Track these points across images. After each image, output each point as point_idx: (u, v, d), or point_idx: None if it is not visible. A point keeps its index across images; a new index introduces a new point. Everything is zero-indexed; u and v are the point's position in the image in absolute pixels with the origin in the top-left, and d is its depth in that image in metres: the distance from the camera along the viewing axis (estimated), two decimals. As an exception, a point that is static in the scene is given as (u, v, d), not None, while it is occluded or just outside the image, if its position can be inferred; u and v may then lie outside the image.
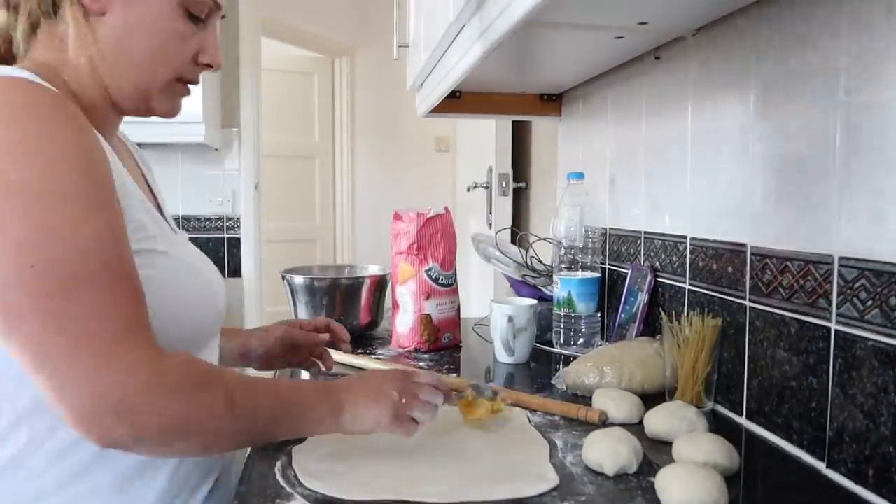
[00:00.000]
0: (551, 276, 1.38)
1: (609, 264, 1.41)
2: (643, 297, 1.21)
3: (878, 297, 0.70)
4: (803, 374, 0.81)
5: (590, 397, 0.98)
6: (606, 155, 1.44)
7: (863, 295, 0.72)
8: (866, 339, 0.71)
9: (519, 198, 2.46)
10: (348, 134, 4.29)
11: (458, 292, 1.40)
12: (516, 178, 2.43)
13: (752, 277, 0.92)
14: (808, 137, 0.81)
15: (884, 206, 0.70)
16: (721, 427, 0.92)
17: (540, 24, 1.00)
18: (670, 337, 0.97)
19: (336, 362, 1.16)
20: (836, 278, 0.76)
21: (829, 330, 0.77)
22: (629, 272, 1.28)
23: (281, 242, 3.95)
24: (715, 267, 1.01)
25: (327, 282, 1.49)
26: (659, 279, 1.19)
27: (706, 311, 1.01)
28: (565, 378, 1.06)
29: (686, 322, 0.96)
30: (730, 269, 0.97)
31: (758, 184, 0.91)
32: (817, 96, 0.79)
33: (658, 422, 0.86)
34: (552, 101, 1.72)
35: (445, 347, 1.36)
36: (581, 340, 1.29)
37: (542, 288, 1.44)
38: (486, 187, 2.51)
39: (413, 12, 1.68)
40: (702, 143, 1.06)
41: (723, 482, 0.67)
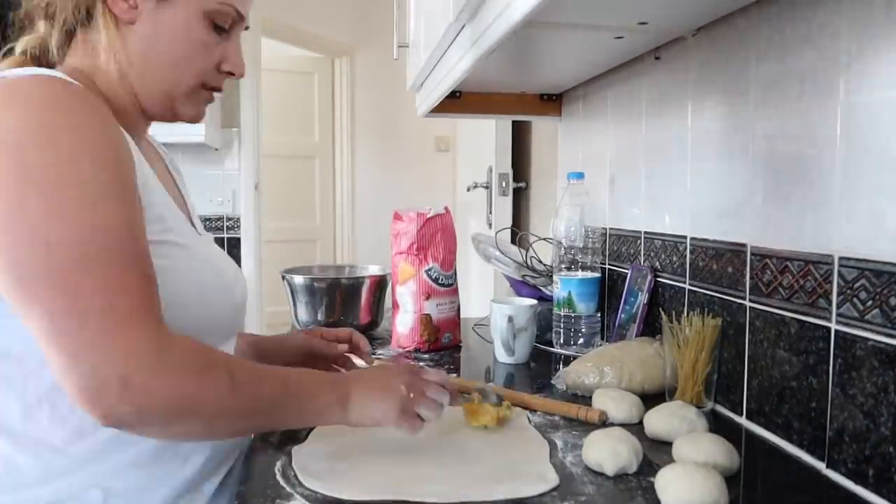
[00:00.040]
0: (551, 276, 1.38)
1: (609, 264, 1.41)
2: (643, 297, 1.21)
3: (878, 297, 0.70)
4: (803, 374, 0.81)
5: (590, 397, 0.98)
6: (606, 155, 1.44)
7: (863, 295, 0.72)
8: (866, 339, 0.71)
9: (519, 198, 2.46)
10: (348, 134, 4.29)
11: (458, 292, 1.40)
12: (516, 178, 2.43)
13: (752, 277, 0.92)
14: (808, 137, 0.81)
15: (884, 206, 0.70)
16: (721, 427, 0.92)
17: (540, 24, 1.00)
18: (670, 337, 0.97)
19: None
20: (836, 278, 0.76)
21: (829, 330, 0.77)
22: (629, 272, 1.29)
23: (281, 242, 3.95)
24: (715, 267, 1.01)
25: (327, 282, 1.49)
26: (659, 279, 1.19)
27: (706, 311, 1.01)
28: (565, 378, 1.06)
29: (686, 322, 0.96)
30: (730, 269, 0.97)
31: (758, 184, 0.91)
32: (817, 96, 0.79)
33: (658, 422, 0.86)
34: (552, 101, 1.72)
35: (445, 347, 1.36)
36: (581, 340, 1.29)
37: (542, 288, 1.44)
38: (486, 187, 2.51)
39: (413, 12, 1.68)
40: (702, 143, 1.06)
41: (723, 482, 0.67)
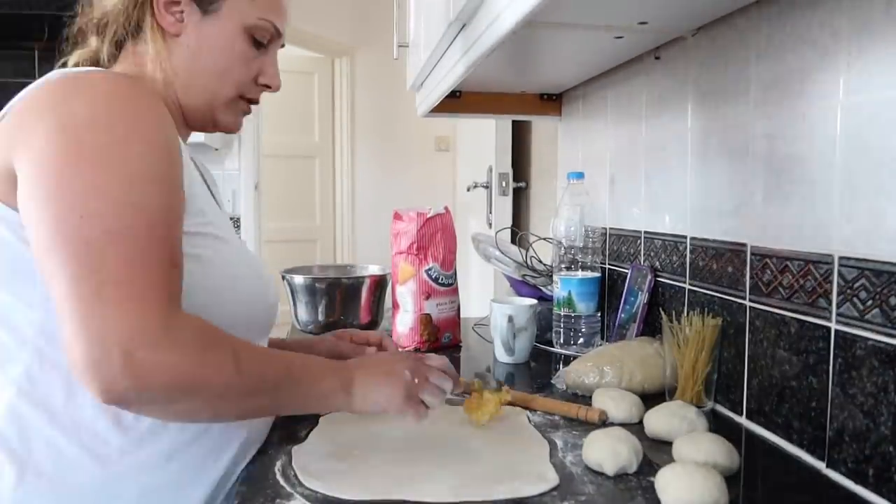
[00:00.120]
0: (551, 275, 1.38)
1: (609, 264, 1.41)
2: (643, 296, 1.21)
3: (878, 296, 0.70)
4: (803, 374, 0.81)
5: (590, 397, 0.98)
6: (606, 155, 1.44)
7: (863, 294, 0.72)
8: (866, 339, 0.71)
9: (519, 198, 2.46)
10: (348, 134, 4.29)
11: (458, 292, 1.40)
12: (516, 178, 2.43)
13: (752, 277, 0.92)
14: (807, 137, 0.81)
15: (884, 206, 0.70)
16: (721, 427, 0.92)
17: (540, 23, 1.00)
18: (670, 337, 0.97)
19: None
20: (836, 278, 0.76)
21: (829, 330, 0.77)
22: (629, 272, 1.29)
23: (281, 242, 3.95)
24: (715, 267, 1.01)
25: (327, 282, 1.49)
26: (659, 279, 1.19)
27: (706, 310, 1.01)
28: (565, 378, 1.06)
29: (686, 322, 0.96)
30: (730, 269, 0.97)
31: (758, 183, 0.91)
32: (817, 96, 0.79)
33: (658, 421, 0.86)
34: (552, 101, 1.72)
35: (445, 347, 1.36)
36: (581, 340, 1.29)
37: (542, 288, 1.44)
38: (486, 187, 2.51)
39: (413, 12, 1.68)
40: (702, 142, 1.06)
41: (723, 482, 0.67)
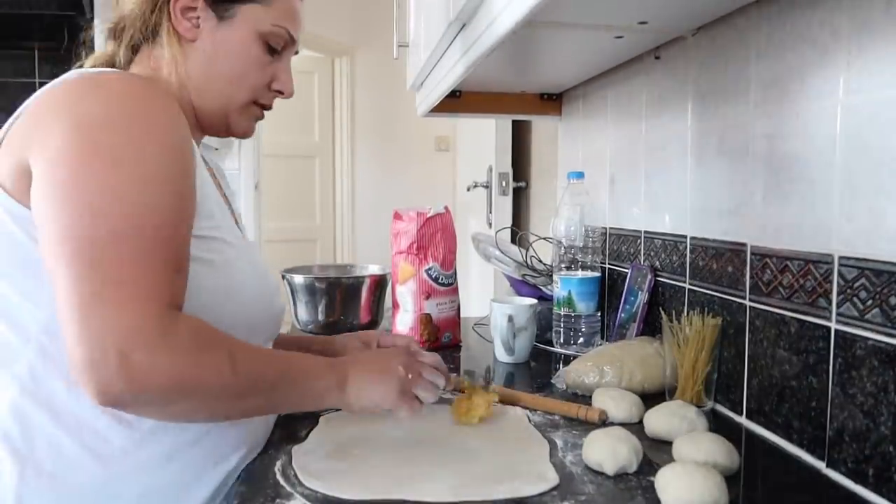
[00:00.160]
0: (551, 275, 1.38)
1: (609, 264, 1.41)
2: (643, 296, 1.21)
3: (878, 296, 0.70)
4: (803, 374, 0.81)
5: (590, 396, 0.98)
6: (606, 154, 1.44)
7: (863, 294, 0.72)
8: (866, 339, 0.71)
9: (519, 197, 2.46)
10: (348, 133, 4.29)
11: (458, 292, 1.40)
12: (516, 178, 2.43)
13: (752, 277, 0.92)
14: (807, 136, 0.81)
15: (884, 205, 0.70)
16: (721, 426, 0.92)
17: (540, 23, 1.00)
18: (670, 336, 0.97)
19: None
20: (836, 277, 0.76)
21: (829, 329, 0.77)
22: (629, 272, 1.28)
23: (281, 242, 3.95)
24: (715, 266, 1.01)
25: (327, 281, 1.49)
26: (659, 278, 1.19)
27: (706, 310, 1.01)
28: (565, 377, 1.06)
29: (686, 321, 0.96)
30: (730, 269, 0.97)
31: (758, 183, 0.91)
32: (817, 95, 0.79)
33: (658, 421, 0.86)
34: (552, 101, 1.72)
35: (445, 347, 1.36)
36: (581, 340, 1.29)
37: (542, 287, 1.44)
38: (486, 187, 2.51)
39: (413, 12, 1.68)
40: (702, 142, 1.06)
41: (723, 481, 0.67)
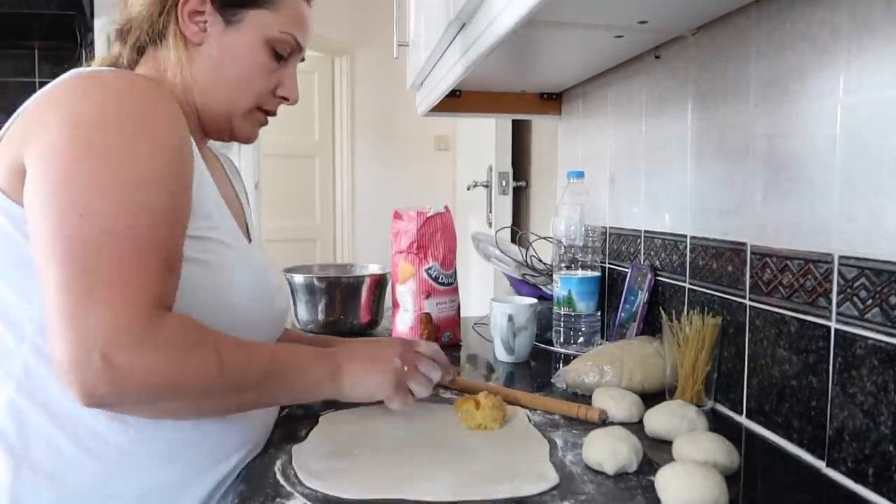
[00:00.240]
0: (551, 274, 1.38)
1: (609, 263, 1.41)
2: (643, 295, 1.21)
3: (878, 295, 0.70)
4: (803, 373, 0.81)
5: (590, 396, 0.98)
6: (606, 154, 1.44)
7: (863, 294, 0.72)
8: (866, 338, 0.71)
9: (519, 197, 2.46)
10: (348, 133, 4.29)
11: (458, 291, 1.40)
12: (516, 177, 2.43)
13: (751, 276, 0.92)
14: (807, 136, 0.81)
15: (884, 205, 0.70)
16: (721, 426, 0.92)
17: (540, 23, 1.00)
18: (670, 336, 0.97)
19: None
20: (836, 277, 0.76)
21: (829, 329, 0.77)
22: (629, 271, 1.28)
23: (281, 241, 3.95)
24: (715, 266, 1.01)
25: (327, 281, 1.49)
26: (659, 278, 1.19)
27: (706, 309, 1.01)
28: (565, 377, 1.06)
29: (686, 321, 0.96)
30: (730, 268, 0.97)
31: (758, 182, 0.91)
32: (817, 94, 0.79)
33: (658, 421, 0.86)
34: (552, 100, 1.72)
35: (445, 346, 1.36)
36: (581, 339, 1.29)
37: (542, 287, 1.44)
38: (486, 186, 2.51)
39: (413, 11, 1.68)
40: (702, 141, 1.06)
41: (723, 481, 0.67)
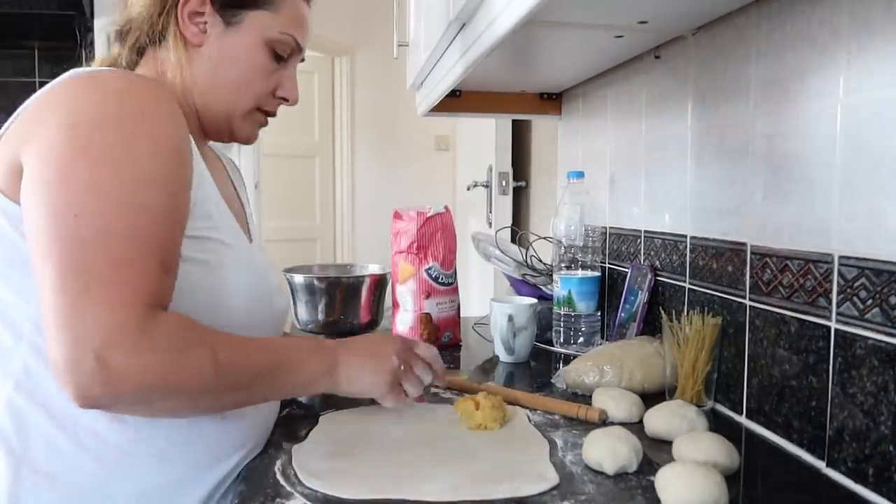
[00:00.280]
0: (551, 274, 1.38)
1: (609, 263, 1.41)
2: (643, 295, 1.21)
3: (878, 295, 0.70)
4: (803, 373, 0.81)
5: (590, 396, 0.98)
6: (606, 154, 1.44)
7: (863, 294, 0.72)
8: (866, 338, 0.71)
9: (519, 197, 2.46)
10: (348, 133, 4.29)
11: (458, 291, 1.40)
12: (516, 177, 2.43)
13: (751, 276, 0.92)
14: (807, 136, 0.81)
15: (884, 205, 0.70)
16: (721, 426, 0.92)
17: (539, 23, 1.00)
18: (670, 336, 0.97)
19: None
20: (836, 277, 0.76)
21: (829, 329, 0.77)
22: (629, 271, 1.28)
23: (281, 241, 3.94)
24: (715, 266, 1.01)
25: (327, 281, 1.49)
26: (659, 278, 1.19)
27: (706, 309, 1.01)
28: (565, 377, 1.06)
29: (686, 321, 0.96)
30: (730, 268, 0.97)
31: (758, 182, 0.91)
32: (817, 94, 0.79)
33: (658, 421, 0.86)
34: (552, 100, 1.72)
35: (445, 346, 1.36)
36: (581, 339, 1.29)
37: (542, 287, 1.44)
38: (486, 186, 2.51)
39: (413, 11, 1.68)
40: (702, 141, 1.06)
41: (723, 481, 0.67)
